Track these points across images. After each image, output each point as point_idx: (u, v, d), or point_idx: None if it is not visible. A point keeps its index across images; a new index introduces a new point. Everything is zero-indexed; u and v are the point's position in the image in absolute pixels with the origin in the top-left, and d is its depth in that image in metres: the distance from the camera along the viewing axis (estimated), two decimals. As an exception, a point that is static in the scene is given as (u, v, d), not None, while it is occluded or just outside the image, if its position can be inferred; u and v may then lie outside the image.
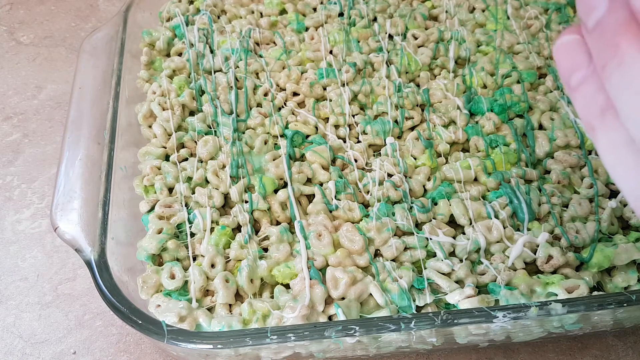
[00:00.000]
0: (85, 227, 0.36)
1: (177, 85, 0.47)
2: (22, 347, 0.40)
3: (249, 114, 0.45)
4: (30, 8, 0.66)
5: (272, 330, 0.31)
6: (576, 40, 0.16)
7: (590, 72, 0.16)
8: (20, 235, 0.46)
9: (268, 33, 0.52)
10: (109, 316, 0.41)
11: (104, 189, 0.38)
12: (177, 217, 0.39)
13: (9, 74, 0.59)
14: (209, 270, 0.36)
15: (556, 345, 0.39)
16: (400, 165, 0.41)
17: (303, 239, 0.37)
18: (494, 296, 0.34)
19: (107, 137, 0.41)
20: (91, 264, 0.34)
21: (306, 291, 0.34)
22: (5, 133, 0.54)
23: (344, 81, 0.47)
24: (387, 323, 0.31)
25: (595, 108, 0.16)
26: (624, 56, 0.14)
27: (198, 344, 0.31)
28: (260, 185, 0.40)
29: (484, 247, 0.37)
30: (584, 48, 0.16)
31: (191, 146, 0.43)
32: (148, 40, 0.51)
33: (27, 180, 0.50)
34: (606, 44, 0.15)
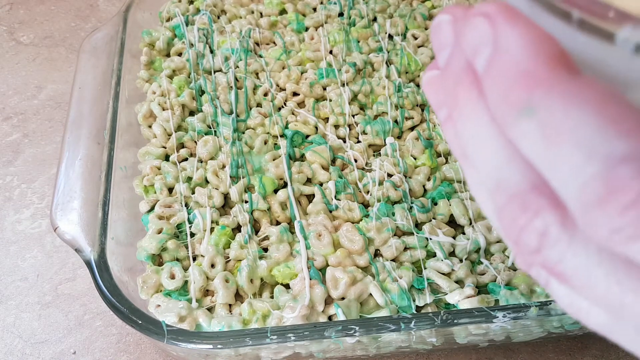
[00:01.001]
0: (85, 227, 0.36)
1: (177, 85, 0.47)
2: (22, 347, 0.40)
3: (249, 114, 0.45)
4: (30, 8, 0.66)
5: (272, 330, 0.31)
6: (436, 76, 0.16)
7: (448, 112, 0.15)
8: (20, 235, 0.46)
9: (268, 33, 0.52)
10: (109, 316, 0.41)
11: (104, 189, 0.38)
12: (177, 217, 0.39)
13: (9, 74, 0.59)
14: (209, 270, 0.36)
15: (556, 345, 0.39)
16: (400, 165, 0.41)
17: (303, 239, 0.37)
18: (494, 296, 0.34)
19: (107, 137, 0.41)
20: (91, 264, 0.34)
21: (306, 291, 0.34)
22: (5, 133, 0.54)
23: (344, 81, 0.47)
24: (387, 323, 0.31)
25: (457, 149, 0.16)
26: (463, 108, 0.14)
27: (198, 344, 0.31)
28: (260, 185, 0.40)
29: (484, 247, 0.37)
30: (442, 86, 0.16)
31: (191, 146, 0.43)
32: (148, 40, 0.51)
33: (27, 180, 0.50)
34: (450, 90, 0.15)
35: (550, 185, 0.13)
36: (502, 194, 0.13)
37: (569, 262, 0.12)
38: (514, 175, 0.13)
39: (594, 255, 0.12)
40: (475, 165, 0.14)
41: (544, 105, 0.12)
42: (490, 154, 0.13)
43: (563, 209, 0.12)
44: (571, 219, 0.12)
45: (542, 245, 0.13)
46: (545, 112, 0.12)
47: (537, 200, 0.13)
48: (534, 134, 0.12)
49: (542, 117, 0.12)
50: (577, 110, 0.11)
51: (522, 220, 0.13)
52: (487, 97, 0.13)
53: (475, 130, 0.14)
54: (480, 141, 0.14)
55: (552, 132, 0.12)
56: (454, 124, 0.15)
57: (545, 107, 0.12)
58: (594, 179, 0.11)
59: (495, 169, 0.13)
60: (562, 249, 0.12)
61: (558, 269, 0.13)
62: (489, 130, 0.13)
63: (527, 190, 0.13)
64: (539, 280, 0.14)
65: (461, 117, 0.14)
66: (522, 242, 0.13)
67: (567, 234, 0.12)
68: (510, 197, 0.13)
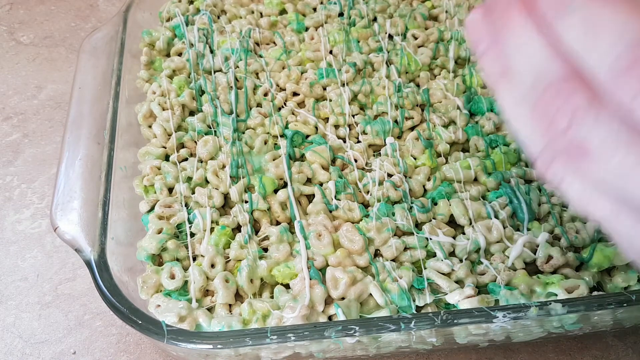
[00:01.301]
0: (85, 227, 0.36)
1: (177, 85, 0.47)
2: (22, 347, 0.40)
3: (249, 114, 0.45)
4: (30, 8, 0.66)
5: (272, 330, 0.31)
6: (479, 16, 0.20)
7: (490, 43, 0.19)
8: (20, 235, 0.46)
9: (268, 33, 0.52)
10: (109, 316, 0.41)
11: (104, 189, 0.38)
12: (177, 217, 0.39)
13: (9, 74, 0.59)
14: (209, 270, 0.36)
15: (556, 345, 0.39)
16: (400, 165, 0.41)
17: (303, 239, 0.37)
18: (494, 296, 0.34)
19: (107, 137, 0.41)
20: (91, 264, 0.34)
21: (306, 291, 0.34)
22: (5, 133, 0.54)
23: (344, 81, 0.47)
24: (387, 323, 0.31)
25: (496, 71, 0.19)
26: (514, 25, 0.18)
27: (198, 344, 0.31)
28: (260, 185, 0.40)
29: (484, 247, 0.37)
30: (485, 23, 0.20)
31: (191, 146, 0.43)
32: (148, 40, 0.51)
33: (27, 180, 0.50)
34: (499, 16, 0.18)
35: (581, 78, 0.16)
36: (540, 86, 0.17)
37: (593, 136, 0.15)
38: (551, 69, 0.16)
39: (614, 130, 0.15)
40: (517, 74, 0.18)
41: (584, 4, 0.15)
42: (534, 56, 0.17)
43: (591, 94, 0.16)
44: (597, 102, 0.16)
45: (572, 122, 0.16)
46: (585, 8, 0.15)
47: (570, 86, 0.16)
48: (577, 25, 0.15)
49: (583, 12, 0.15)
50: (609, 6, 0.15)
51: (557, 102, 0.16)
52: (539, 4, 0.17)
53: (523, 40, 0.17)
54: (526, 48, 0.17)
55: (591, 23, 0.15)
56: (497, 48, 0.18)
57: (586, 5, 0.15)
58: (622, 54, 0.14)
59: (536, 67, 0.17)
60: (588, 124, 0.15)
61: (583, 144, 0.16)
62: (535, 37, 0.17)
63: (562, 80, 0.16)
64: (553, 179, 0.17)
65: (510, 32, 0.18)
66: (554, 123, 0.16)
67: (593, 112, 0.15)
68: (547, 86, 0.16)
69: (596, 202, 0.16)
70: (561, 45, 0.16)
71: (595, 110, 0.15)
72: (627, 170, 0.15)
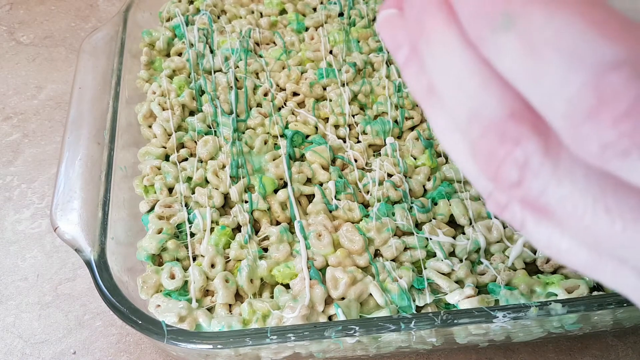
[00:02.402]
0: (85, 227, 0.36)
1: (177, 85, 0.47)
2: (22, 347, 0.40)
3: (249, 114, 0.45)
4: (30, 8, 0.66)
5: (272, 330, 0.31)
6: (395, 14, 0.15)
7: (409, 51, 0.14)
8: (20, 235, 0.46)
9: (268, 33, 0.52)
10: (109, 316, 0.41)
11: (104, 189, 0.38)
12: (177, 217, 0.39)
13: (9, 74, 0.59)
14: (209, 270, 0.36)
15: (556, 345, 0.39)
16: (400, 165, 0.41)
17: (303, 239, 0.37)
18: (494, 296, 0.34)
19: (107, 137, 0.41)
20: (91, 264, 0.34)
21: (306, 291, 0.34)
22: (5, 133, 0.54)
23: (344, 81, 0.47)
24: (387, 323, 0.31)
25: (421, 89, 0.14)
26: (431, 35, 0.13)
27: (198, 344, 0.31)
28: (260, 185, 0.40)
29: (484, 247, 0.37)
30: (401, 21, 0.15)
31: (191, 146, 0.43)
32: (148, 40, 0.51)
33: (27, 180, 0.50)
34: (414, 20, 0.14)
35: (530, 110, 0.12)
36: (478, 125, 0.12)
37: (552, 192, 0.12)
38: (490, 102, 0.12)
39: (580, 182, 0.11)
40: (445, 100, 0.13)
41: (522, 14, 0.11)
42: (463, 81, 0.12)
43: (545, 135, 0.12)
44: (555, 145, 0.11)
45: (524, 177, 0.12)
46: (525, 21, 0.11)
47: (517, 127, 0.12)
48: (513, 47, 0.11)
49: (521, 27, 0.11)
50: (559, 15, 0.10)
51: (501, 152, 0.12)
52: (458, 15, 0.12)
53: (446, 57, 0.13)
54: (451, 68, 0.12)
55: (533, 43, 0.11)
56: (418, 59, 0.14)
57: (524, 15, 0.11)
58: (582, 89, 0.10)
59: (468, 97, 0.12)
60: (545, 178, 0.11)
61: (540, 202, 0.12)
62: (461, 53, 0.12)
63: (505, 117, 0.12)
64: (512, 223, 0.13)
65: (429, 46, 0.13)
66: (501, 177, 0.12)
67: (550, 161, 0.11)
68: (487, 127, 0.12)
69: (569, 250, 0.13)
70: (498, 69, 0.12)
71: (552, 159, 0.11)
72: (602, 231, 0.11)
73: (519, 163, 0.12)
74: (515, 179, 0.12)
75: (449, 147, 0.14)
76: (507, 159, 0.12)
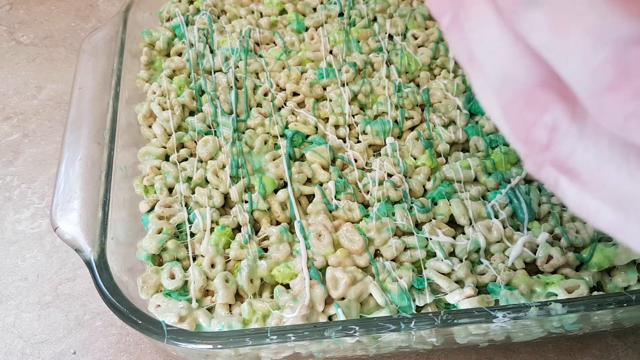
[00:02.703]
0: (85, 227, 0.36)
1: (177, 85, 0.47)
2: (22, 347, 0.40)
3: (249, 114, 0.45)
4: (30, 8, 0.66)
5: (272, 330, 0.31)
6: None
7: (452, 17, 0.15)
8: (20, 235, 0.46)
9: (268, 33, 0.52)
10: (109, 316, 0.41)
11: (104, 189, 0.38)
12: (177, 217, 0.39)
13: (9, 74, 0.59)
14: (209, 270, 0.36)
15: (556, 345, 0.39)
16: (400, 165, 0.41)
17: (303, 239, 0.37)
18: (494, 296, 0.34)
19: (107, 137, 0.41)
20: (91, 264, 0.34)
21: (306, 291, 0.34)
22: (5, 133, 0.54)
23: (344, 81, 0.47)
24: (387, 323, 0.31)
25: (463, 54, 0.15)
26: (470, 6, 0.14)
27: (198, 344, 0.31)
28: (260, 185, 0.40)
29: (484, 247, 0.37)
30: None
31: (191, 146, 0.43)
32: (148, 40, 0.51)
33: (27, 180, 0.50)
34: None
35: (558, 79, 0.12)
36: (510, 90, 0.13)
37: (579, 156, 0.12)
38: (521, 70, 0.13)
39: (605, 148, 0.12)
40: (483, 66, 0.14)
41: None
42: (498, 51, 0.13)
43: (572, 102, 0.12)
44: (581, 112, 0.12)
45: (552, 140, 0.12)
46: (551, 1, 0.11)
47: (545, 94, 0.12)
48: (542, 22, 0.11)
49: (549, 4, 0.11)
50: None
51: (531, 116, 0.13)
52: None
53: (483, 28, 0.13)
54: (488, 39, 0.13)
55: (559, 20, 0.11)
56: (459, 27, 0.14)
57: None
58: (605, 63, 0.10)
59: (502, 65, 0.13)
60: (572, 142, 0.12)
61: (569, 164, 0.12)
62: (497, 26, 0.13)
63: (535, 85, 0.13)
64: (547, 183, 0.14)
65: (468, 17, 0.14)
66: (531, 139, 0.13)
67: (577, 127, 0.12)
68: (518, 92, 0.13)
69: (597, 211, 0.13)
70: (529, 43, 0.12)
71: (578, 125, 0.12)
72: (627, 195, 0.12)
73: (547, 127, 0.12)
74: (545, 142, 0.13)
75: (488, 109, 0.15)
76: (537, 123, 0.13)
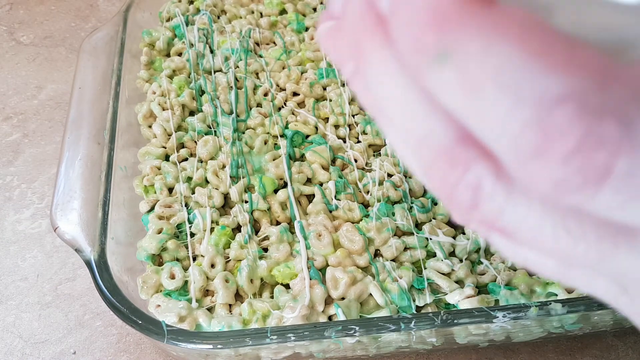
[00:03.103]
0: (85, 227, 0.36)
1: (177, 85, 0.47)
2: (22, 347, 0.40)
3: (249, 114, 0.45)
4: (30, 8, 0.66)
5: (272, 330, 0.31)
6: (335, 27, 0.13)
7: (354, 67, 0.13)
8: (20, 235, 0.46)
9: (268, 33, 0.52)
10: (109, 316, 0.41)
11: (104, 189, 0.38)
12: (177, 217, 0.39)
13: (9, 74, 0.59)
14: (209, 270, 0.36)
15: (556, 345, 0.39)
16: (400, 165, 0.41)
17: (303, 239, 0.37)
18: (494, 296, 0.34)
19: (107, 137, 0.41)
20: (91, 264, 0.34)
21: (306, 291, 0.34)
22: (5, 133, 0.54)
23: (344, 81, 0.47)
24: (387, 323, 0.31)
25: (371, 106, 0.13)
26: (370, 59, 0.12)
27: (198, 344, 0.31)
28: (260, 185, 0.40)
29: (484, 247, 0.37)
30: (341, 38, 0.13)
31: (191, 146, 0.43)
32: (148, 40, 0.51)
33: (27, 180, 0.50)
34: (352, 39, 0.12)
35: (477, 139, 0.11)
36: (427, 150, 0.12)
37: (509, 216, 0.11)
38: (436, 128, 0.11)
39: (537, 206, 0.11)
40: (394, 121, 0.12)
41: (458, 47, 0.10)
42: (407, 108, 0.12)
43: (495, 160, 0.11)
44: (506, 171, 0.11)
45: (477, 200, 0.11)
46: (461, 54, 0.10)
47: (466, 152, 0.11)
48: (452, 82, 0.10)
49: (458, 61, 0.10)
50: (496, 47, 0.10)
51: (453, 176, 0.11)
52: (395, 42, 0.11)
53: (388, 83, 0.12)
54: (394, 94, 0.12)
55: (471, 79, 0.10)
56: (363, 78, 0.13)
57: (460, 49, 0.10)
58: (527, 126, 0.09)
59: (415, 124, 0.12)
60: (500, 202, 0.11)
61: (498, 224, 0.11)
62: (403, 80, 0.11)
63: (453, 143, 0.11)
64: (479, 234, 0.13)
65: (370, 69, 0.12)
66: (455, 200, 0.12)
67: (503, 186, 0.11)
68: (436, 152, 0.11)
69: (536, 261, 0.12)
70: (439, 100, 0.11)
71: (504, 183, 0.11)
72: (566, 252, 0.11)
73: (471, 187, 0.11)
74: (470, 203, 0.11)
75: (406, 162, 0.13)
76: (460, 183, 0.11)
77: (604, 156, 0.09)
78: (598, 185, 0.09)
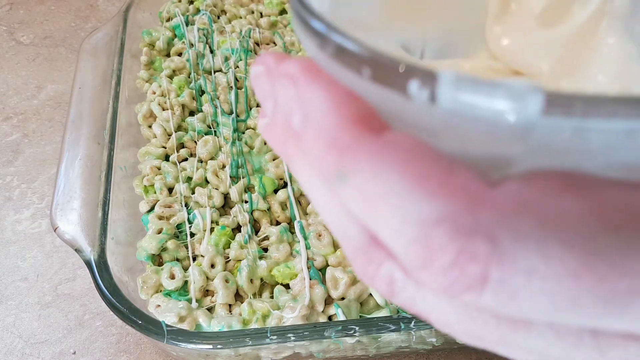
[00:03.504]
0: (85, 227, 0.36)
1: (177, 85, 0.47)
2: (22, 347, 0.40)
3: (249, 114, 0.45)
4: (30, 8, 0.66)
5: (272, 330, 0.31)
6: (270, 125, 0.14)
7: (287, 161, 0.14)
8: (20, 235, 0.46)
9: (268, 33, 0.52)
10: (109, 316, 0.41)
11: (104, 189, 0.38)
12: (177, 217, 0.39)
13: (9, 74, 0.59)
14: (209, 270, 0.36)
15: (556, 345, 0.39)
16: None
17: (303, 239, 0.37)
18: (494, 296, 0.34)
19: (107, 137, 0.41)
20: (91, 264, 0.34)
21: (306, 291, 0.34)
22: (5, 133, 0.54)
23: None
24: (387, 323, 0.31)
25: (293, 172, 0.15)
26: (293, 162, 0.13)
27: (198, 344, 0.31)
28: (260, 185, 0.40)
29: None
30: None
31: (191, 146, 0.43)
32: (148, 40, 0.51)
33: (27, 180, 0.50)
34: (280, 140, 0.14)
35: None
36: (347, 244, 0.13)
37: (421, 305, 0.12)
38: (352, 229, 0.13)
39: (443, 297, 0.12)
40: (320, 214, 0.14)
41: (353, 172, 0.11)
42: (327, 208, 0.13)
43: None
44: None
45: (393, 291, 0.13)
46: (356, 178, 0.11)
47: (378, 253, 0.12)
48: (354, 198, 0.12)
49: (354, 182, 0.11)
50: (383, 173, 0.11)
51: (370, 269, 0.13)
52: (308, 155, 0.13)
53: (308, 185, 0.13)
54: (317, 195, 0.13)
55: (368, 198, 0.11)
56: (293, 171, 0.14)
57: (354, 173, 0.11)
58: (413, 243, 0.11)
59: (334, 223, 0.13)
60: (411, 293, 0.12)
61: (414, 310, 0.13)
62: (321, 185, 0.13)
63: (367, 243, 0.12)
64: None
65: (294, 170, 0.14)
66: (376, 288, 0.13)
67: (412, 280, 0.12)
68: (354, 248, 0.13)
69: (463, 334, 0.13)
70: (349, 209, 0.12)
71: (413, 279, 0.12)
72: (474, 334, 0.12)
73: (385, 280, 0.12)
74: (387, 293, 0.13)
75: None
76: (376, 276, 0.12)
77: (478, 268, 0.10)
78: (480, 289, 0.11)
